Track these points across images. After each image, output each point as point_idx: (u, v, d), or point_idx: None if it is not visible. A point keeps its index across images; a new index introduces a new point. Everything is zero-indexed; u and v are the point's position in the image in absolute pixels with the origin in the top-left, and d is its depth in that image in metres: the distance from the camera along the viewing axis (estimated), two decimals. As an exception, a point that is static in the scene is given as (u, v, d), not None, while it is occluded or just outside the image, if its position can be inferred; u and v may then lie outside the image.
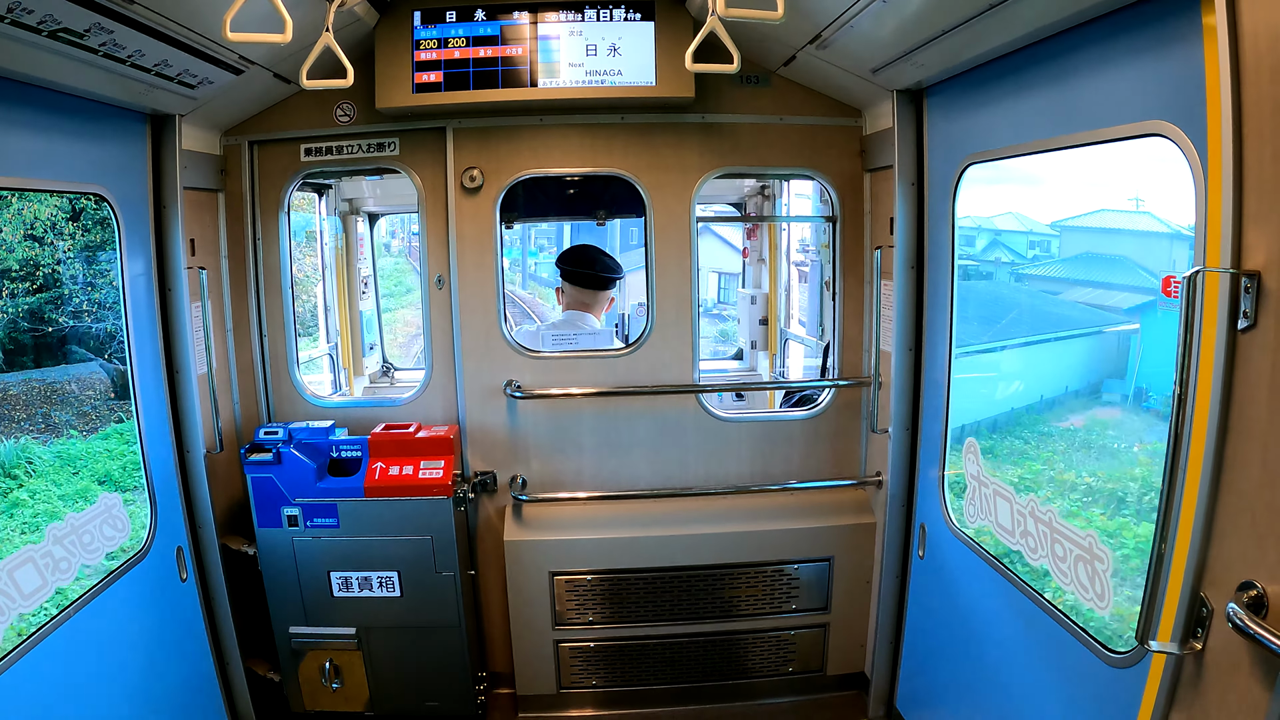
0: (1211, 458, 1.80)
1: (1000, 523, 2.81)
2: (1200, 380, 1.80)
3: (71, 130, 2.70)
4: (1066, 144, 2.35)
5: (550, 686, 3.88)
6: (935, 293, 3.21)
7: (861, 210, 3.74)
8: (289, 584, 3.53)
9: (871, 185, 3.70)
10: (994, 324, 4.24)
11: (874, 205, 3.69)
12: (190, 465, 3.33)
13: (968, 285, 3.00)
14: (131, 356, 3.04)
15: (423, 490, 3.43)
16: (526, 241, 18.10)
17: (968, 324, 3.05)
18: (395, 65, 3.39)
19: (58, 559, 2.64)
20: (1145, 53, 2.02)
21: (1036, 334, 4.40)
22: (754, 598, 3.83)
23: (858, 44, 2.94)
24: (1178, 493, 1.85)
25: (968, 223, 2.71)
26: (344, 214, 5.00)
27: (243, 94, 3.33)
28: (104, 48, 2.37)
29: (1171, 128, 1.91)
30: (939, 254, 3.14)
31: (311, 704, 3.71)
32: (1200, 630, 1.83)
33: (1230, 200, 1.72)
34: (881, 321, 3.53)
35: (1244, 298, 1.70)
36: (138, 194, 3.07)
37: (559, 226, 15.96)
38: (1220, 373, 1.77)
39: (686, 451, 3.86)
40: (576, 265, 4.31)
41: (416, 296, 4.71)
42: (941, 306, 3.14)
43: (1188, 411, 1.82)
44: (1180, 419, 1.80)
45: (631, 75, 3.39)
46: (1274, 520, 1.64)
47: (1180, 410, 1.79)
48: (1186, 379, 1.78)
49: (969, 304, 3.08)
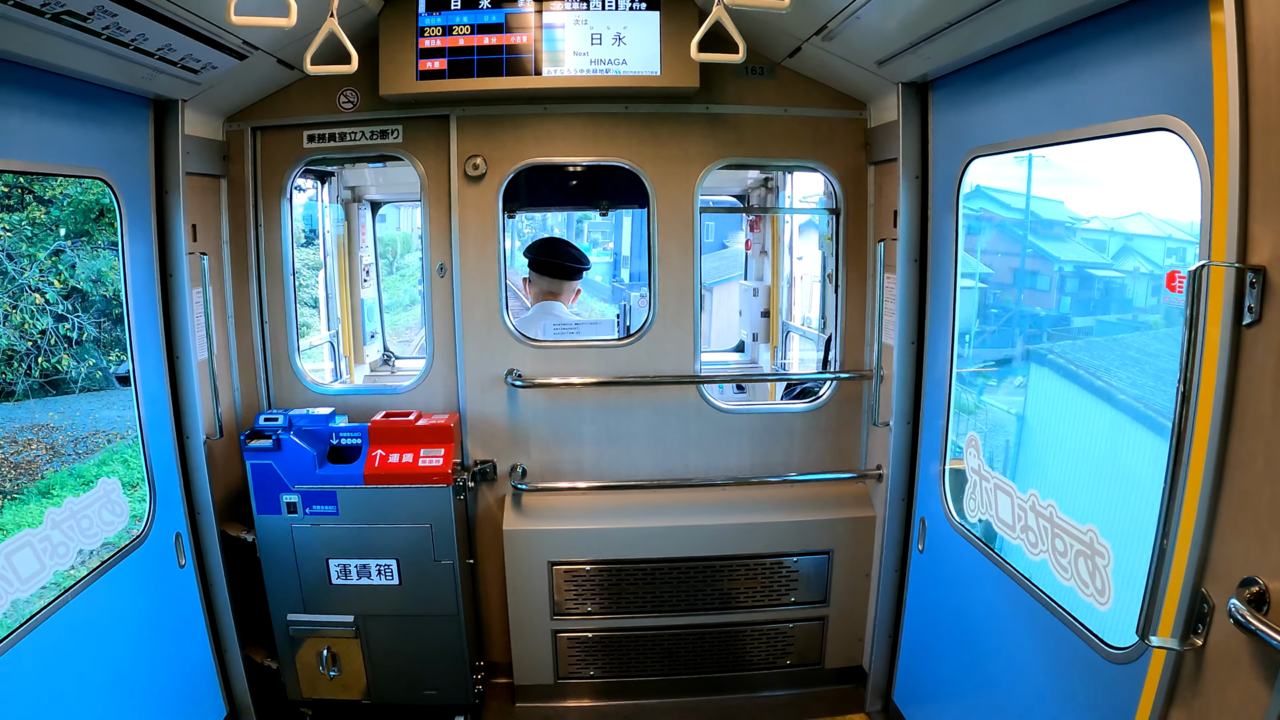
0: (1214, 453, 1.79)
1: (1001, 517, 2.81)
2: (1204, 376, 1.80)
3: (74, 114, 2.68)
4: (1071, 138, 2.34)
5: (548, 676, 3.88)
6: (938, 286, 3.20)
7: (865, 203, 3.73)
8: (287, 571, 3.53)
9: (876, 178, 3.68)
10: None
11: (878, 198, 3.67)
12: (190, 451, 3.32)
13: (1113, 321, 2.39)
14: (132, 342, 3.04)
15: (422, 478, 3.42)
16: (514, 235, 18.06)
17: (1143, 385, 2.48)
18: (399, 52, 3.37)
19: (56, 544, 2.64)
20: (1151, 46, 2.01)
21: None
22: (753, 590, 3.83)
23: (863, 36, 2.93)
24: (1180, 488, 1.84)
25: (1096, 224, 2.53)
26: (346, 202, 4.99)
27: (246, 79, 3.32)
28: (107, 31, 2.36)
29: (1177, 122, 1.90)
30: (942, 247, 3.13)
31: (309, 692, 3.71)
32: (1201, 626, 1.83)
33: (1236, 195, 1.71)
34: (884, 315, 3.52)
35: (1249, 293, 1.69)
36: (140, 179, 3.06)
37: (543, 219, 15.93)
38: (1224, 368, 1.76)
39: (687, 442, 3.85)
40: (544, 256, 4.43)
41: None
42: (944, 300, 3.13)
43: (1191, 407, 1.82)
44: (1184, 414, 1.79)
45: (636, 65, 3.37)
46: (1277, 516, 1.63)
47: (1184, 405, 1.78)
48: (1190, 375, 1.77)
49: (1135, 361, 2.49)
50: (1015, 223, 3.83)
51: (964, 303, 3.07)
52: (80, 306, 3.87)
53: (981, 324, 3.07)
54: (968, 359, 3.09)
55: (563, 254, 4.49)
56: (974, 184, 2.94)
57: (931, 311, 3.27)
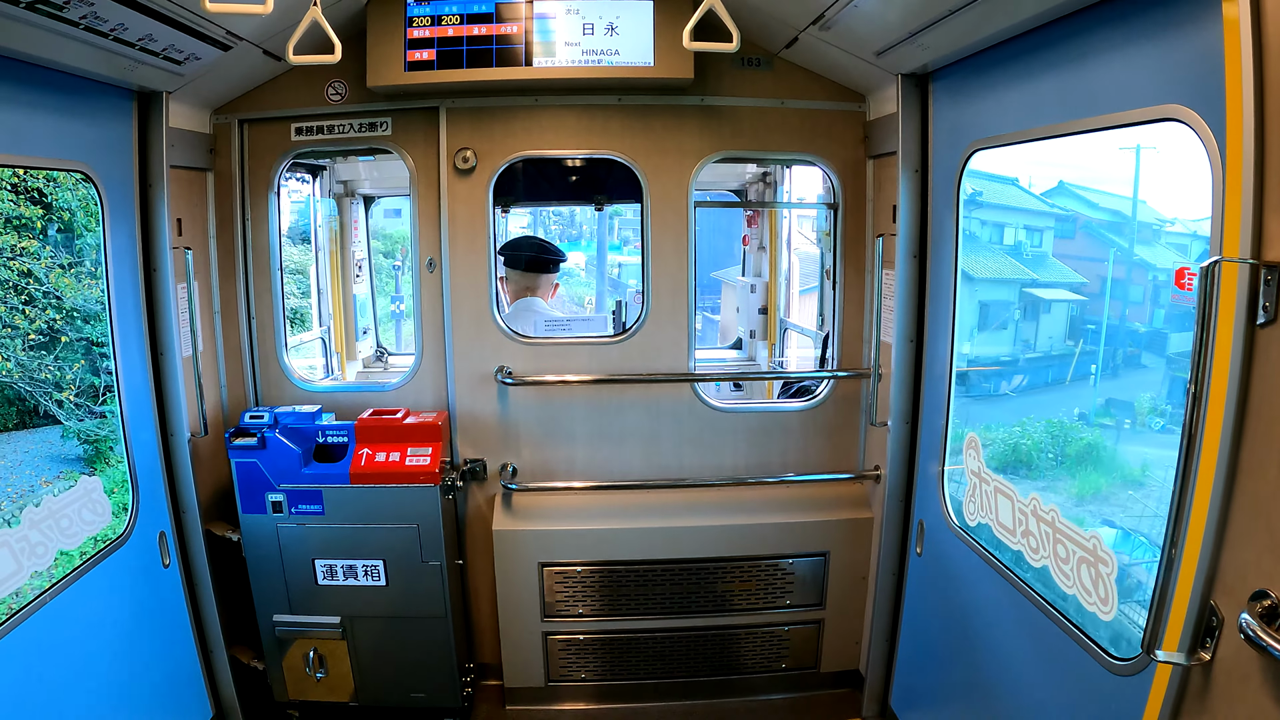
0: (1226, 459, 1.71)
1: (1001, 521, 2.73)
2: (1215, 377, 1.72)
3: (55, 106, 2.62)
4: (1077, 129, 2.26)
5: (538, 679, 3.82)
6: (938, 282, 3.12)
7: (864, 197, 3.65)
8: (273, 571, 3.47)
9: (875, 172, 3.60)
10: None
11: (877, 193, 3.59)
12: (174, 449, 3.26)
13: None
14: (114, 337, 2.98)
15: (409, 477, 3.35)
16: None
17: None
18: (387, 43, 3.30)
19: (34, 544, 2.58)
20: (1160, 33, 1.93)
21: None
22: (747, 592, 3.76)
23: (861, 25, 2.84)
24: (1189, 495, 1.76)
25: (1179, 228, 2.35)
26: (339, 196, 4.92)
27: (232, 71, 3.25)
28: (85, 21, 2.30)
29: (1187, 112, 1.82)
30: (942, 243, 3.05)
31: (296, 693, 3.65)
32: (1209, 640, 1.75)
33: (1251, 187, 1.62)
34: (882, 312, 3.44)
35: (1264, 290, 1.61)
36: (123, 172, 3.00)
37: (535, 213, 15.78)
38: (1237, 370, 1.68)
39: (680, 442, 3.78)
40: (519, 251, 4.45)
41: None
42: (944, 297, 3.05)
43: (1202, 410, 1.74)
44: (1194, 418, 1.71)
45: (629, 55, 3.29)
46: (1290, 526, 1.55)
47: (1194, 409, 1.70)
48: (1201, 376, 1.69)
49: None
50: (1105, 224, 3.63)
51: (1056, 318, 2.95)
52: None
53: (1080, 343, 2.90)
54: (1061, 388, 2.94)
55: (536, 248, 4.50)
56: (1058, 180, 2.86)
57: (931, 308, 3.19)
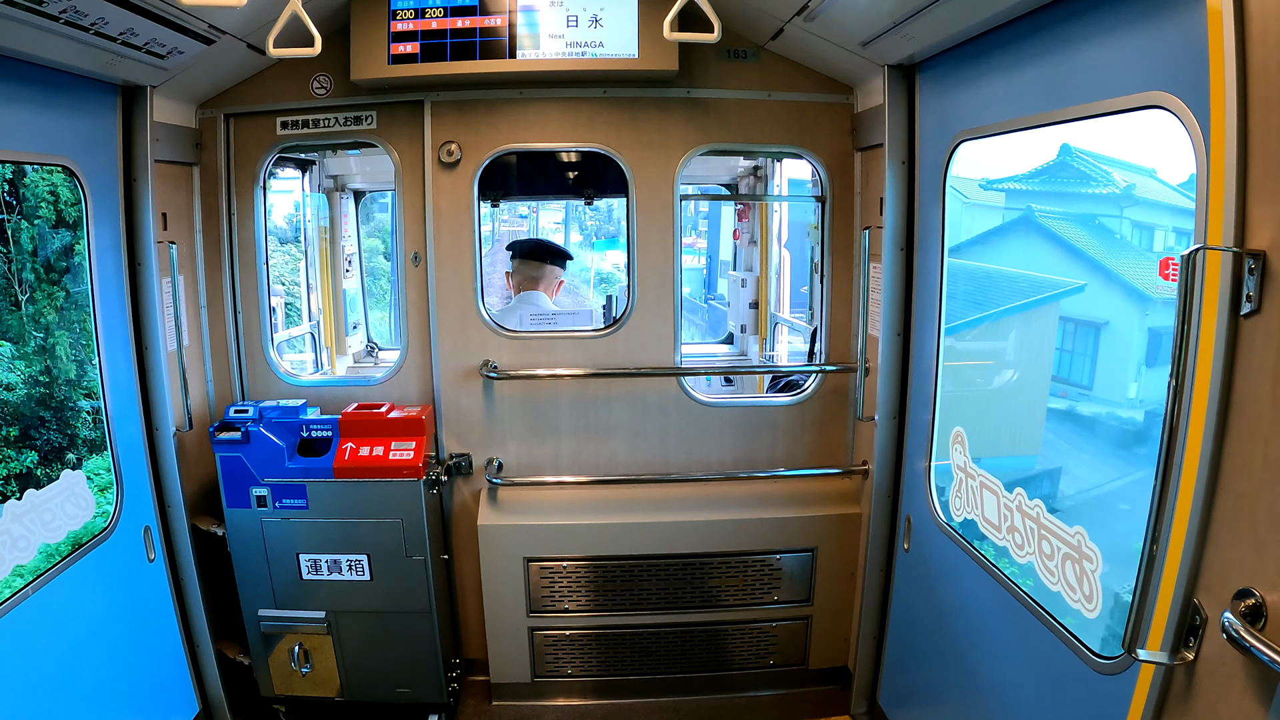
0: (1209, 454, 1.67)
1: (987, 516, 2.70)
2: (1199, 369, 1.68)
3: (37, 100, 2.60)
4: (1062, 118, 2.22)
5: (525, 675, 3.80)
6: (925, 275, 3.08)
7: (851, 190, 3.61)
8: (258, 566, 3.44)
9: (862, 164, 3.56)
10: None
11: (864, 185, 3.55)
12: (159, 444, 3.25)
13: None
14: (98, 332, 2.96)
15: (393, 471, 3.33)
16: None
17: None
18: (371, 36, 3.27)
19: (15, 537, 2.56)
20: (1144, 20, 1.89)
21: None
22: (734, 588, 3.73)
23: (846, 15, 2.80)
24: (1171, 491, 1.73)
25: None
26: (329, 191, 4.89)
27: (217, 65, 3.22)
28: (65, 14, 2.28)
29: (1172, 99, 1.78)
30: (929, 235, 3.02)
31: (283, 688, 3.63)
32: (1192, 640, 1.72)
33: (1234, 174, 1.58)
34: (869, 305, 3.41)
35: (1247, 279, 1.57)
36: (107, 167, 2.98)
37: (569, 207, 15.76)
38: (1220, 362, 1.64)
39: (667, 436, 3.75)
40: (525, 244, 4.50)
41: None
42: (931, 289, 3.02)
43: (1184, 403, 1.70)
44: (1176, 411, 1.66)
45: (613, 47, 3.26)
46: (1275, 524, 1.51)
47: (1176, 402, 1.66)
48: (1183, 368, 1.64)
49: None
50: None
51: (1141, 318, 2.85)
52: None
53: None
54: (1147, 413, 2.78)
55: (542, 243, 4.53)
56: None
57: (918, 302, 3.15)
